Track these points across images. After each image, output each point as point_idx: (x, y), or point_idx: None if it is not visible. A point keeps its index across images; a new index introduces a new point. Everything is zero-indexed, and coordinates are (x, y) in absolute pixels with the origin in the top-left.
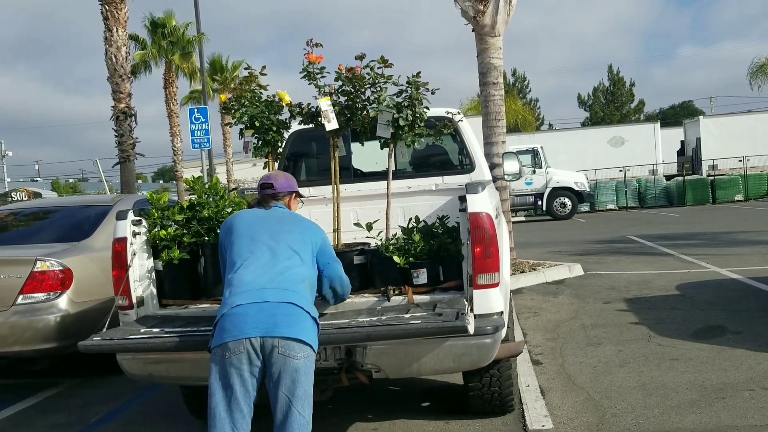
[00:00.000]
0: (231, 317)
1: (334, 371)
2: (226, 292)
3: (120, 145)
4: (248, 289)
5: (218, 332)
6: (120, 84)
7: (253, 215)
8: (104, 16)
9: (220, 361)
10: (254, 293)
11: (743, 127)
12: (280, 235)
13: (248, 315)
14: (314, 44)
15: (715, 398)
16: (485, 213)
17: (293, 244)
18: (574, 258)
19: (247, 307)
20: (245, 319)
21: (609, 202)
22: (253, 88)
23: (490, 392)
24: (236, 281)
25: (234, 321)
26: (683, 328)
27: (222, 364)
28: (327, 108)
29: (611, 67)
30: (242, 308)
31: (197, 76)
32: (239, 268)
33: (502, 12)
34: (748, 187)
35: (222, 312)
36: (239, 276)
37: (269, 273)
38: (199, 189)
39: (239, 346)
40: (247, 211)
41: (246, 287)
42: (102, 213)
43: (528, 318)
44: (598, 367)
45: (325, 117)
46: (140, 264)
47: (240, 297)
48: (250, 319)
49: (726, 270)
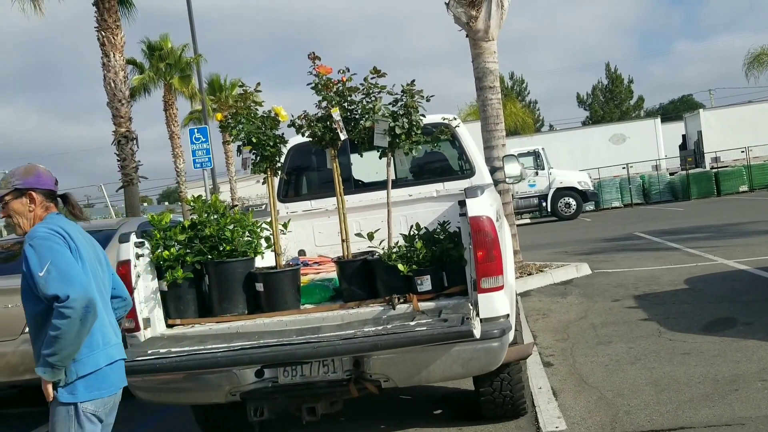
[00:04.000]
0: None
1: (343, 383)
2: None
3: (123, 169)
4: (117, 342)
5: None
6: (120, 108)
7: (83, 236)
8: (101, 42)
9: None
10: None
11: (744, 118)
12: (100, 277)
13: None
14: (315, 57)
15: (728, 390)
16: (486, 216)
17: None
18: (581, 257)
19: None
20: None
21: (614, 200)
22: (248, 104)
23: (501, 396)
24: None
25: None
26: (693, 322)
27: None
28: (338, 118)
29: (608, 65)
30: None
31: (197, 97)
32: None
33: (495, 16)
34: (752, 177)
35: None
36: (102, 319)
37: (114, 323)
38: (199, 208)
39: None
40: (74, 225)
41: (113, 339)
42: (107, 237)
43: (537, 320)
44: (610, 366)
45: (339, 127)
46: (145, 285)
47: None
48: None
49: (733, 261)
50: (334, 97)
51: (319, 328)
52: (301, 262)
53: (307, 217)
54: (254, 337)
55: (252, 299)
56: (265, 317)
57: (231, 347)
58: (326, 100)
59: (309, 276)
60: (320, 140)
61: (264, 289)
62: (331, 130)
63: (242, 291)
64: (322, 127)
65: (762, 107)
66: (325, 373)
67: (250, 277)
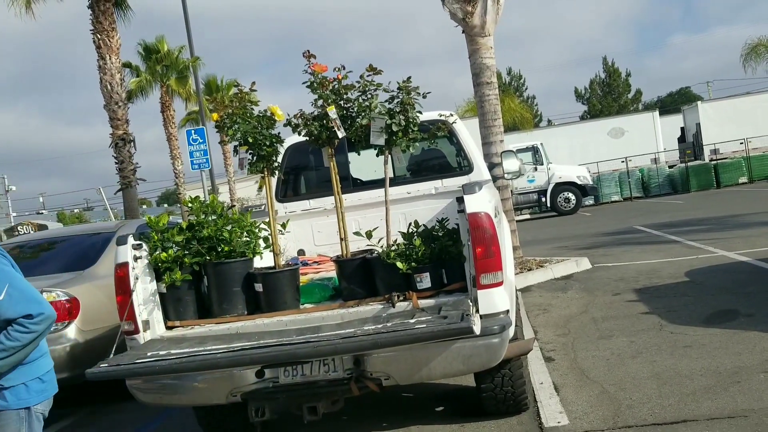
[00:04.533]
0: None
1: (344, 382)
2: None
3: (121, 171)
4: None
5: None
6: (116, 111)
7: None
8: (97, 45)
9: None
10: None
11: (742, 110)
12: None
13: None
14: (309, 55)
15: (730, 383)
16: (484, 212)
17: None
18: (581, 252)
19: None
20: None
21: (613, 194)
22: (244, 104)
23: (503, 392)
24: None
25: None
26: (694, 315)
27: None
28: (335, 116)
29: (606, 59)
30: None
31: (194, 98)
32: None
33: (491, 12)
34: (752, 168)
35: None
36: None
37: None
38: (197, 208)
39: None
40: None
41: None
42: (106, 240)
43: (538, 315)
44: (611, 360)
45: (335, 125)
46: (143, 288)
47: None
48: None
49: (734, 253)
50: (329, 95)
51: (319, 328)
52: (300, 261)
53: (305, 217)
54: (254, 337)
55: (251, 300)
56: (265, 317)
57: (231, 348)
58: (322, 98)
59: (308, 275)
60: (317, 139)
61: (263, 289)
62: (328, 129)
63: (241, 292)
64: (319, 126)
65: (760, 98)
66: (326, 372)
67: (249, 278)
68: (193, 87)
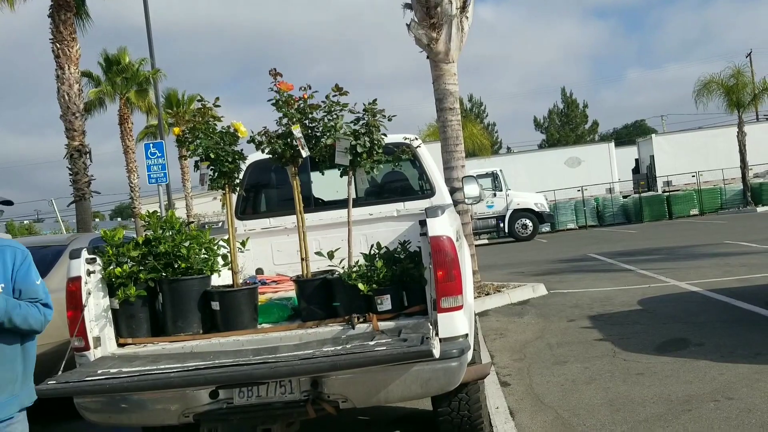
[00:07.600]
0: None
1: (300, 404)
2: None
3: (75, 183)
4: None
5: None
6: (73, 122)
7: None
8: (55, 54)
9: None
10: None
11: (695, 144)
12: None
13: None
14: (276, 74)
15: (681, 411)
16: (446, 236)
17: None
18: (537, 278)
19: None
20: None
21: (569, 222)
22: (207, 119)
23: (459, 416)
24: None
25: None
26: (647, 343)
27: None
28: (299, 135)
29: (564, 89)
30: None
31: (154, 111)
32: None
33: (455, 39)
34: (703, 201)
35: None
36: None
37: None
38: (154, 224)
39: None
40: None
41: None
42: (57, 253)
43: (495, 339)
44: (566, 386)
45: (300, 144)
46: (96, 303)
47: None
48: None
49: (685, 283)
50: (295, 114)
51: (277, 348)
52: (259, 280)
53: (265, 235)
54: (209, 357)
55: (207, 318)
56: (221, 337)
57: (185, 367)
58: (287, 116)
59: (267, 295)
60: (280, 157)
61: (220, 307)
62: (292, 147)
63: (197, 310)
64: (283, 144)
65: (711, 133)
66: (282, 393)
67: (206, 296)
68: (153, 100)
